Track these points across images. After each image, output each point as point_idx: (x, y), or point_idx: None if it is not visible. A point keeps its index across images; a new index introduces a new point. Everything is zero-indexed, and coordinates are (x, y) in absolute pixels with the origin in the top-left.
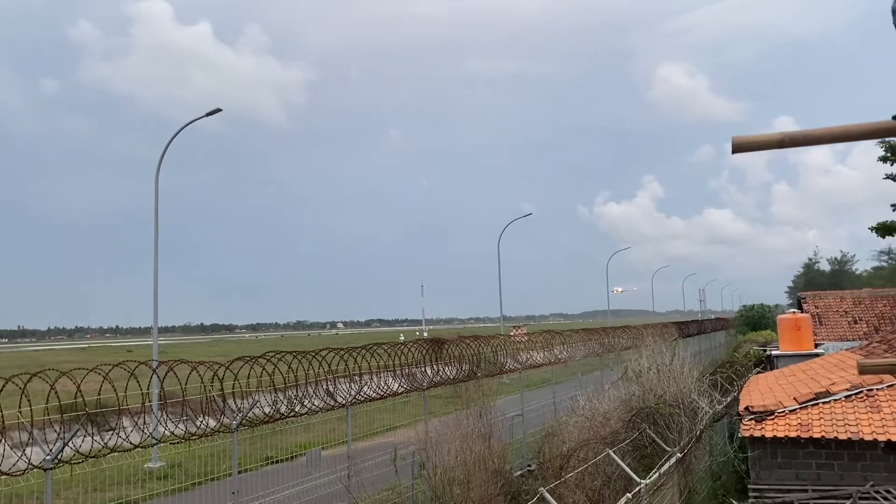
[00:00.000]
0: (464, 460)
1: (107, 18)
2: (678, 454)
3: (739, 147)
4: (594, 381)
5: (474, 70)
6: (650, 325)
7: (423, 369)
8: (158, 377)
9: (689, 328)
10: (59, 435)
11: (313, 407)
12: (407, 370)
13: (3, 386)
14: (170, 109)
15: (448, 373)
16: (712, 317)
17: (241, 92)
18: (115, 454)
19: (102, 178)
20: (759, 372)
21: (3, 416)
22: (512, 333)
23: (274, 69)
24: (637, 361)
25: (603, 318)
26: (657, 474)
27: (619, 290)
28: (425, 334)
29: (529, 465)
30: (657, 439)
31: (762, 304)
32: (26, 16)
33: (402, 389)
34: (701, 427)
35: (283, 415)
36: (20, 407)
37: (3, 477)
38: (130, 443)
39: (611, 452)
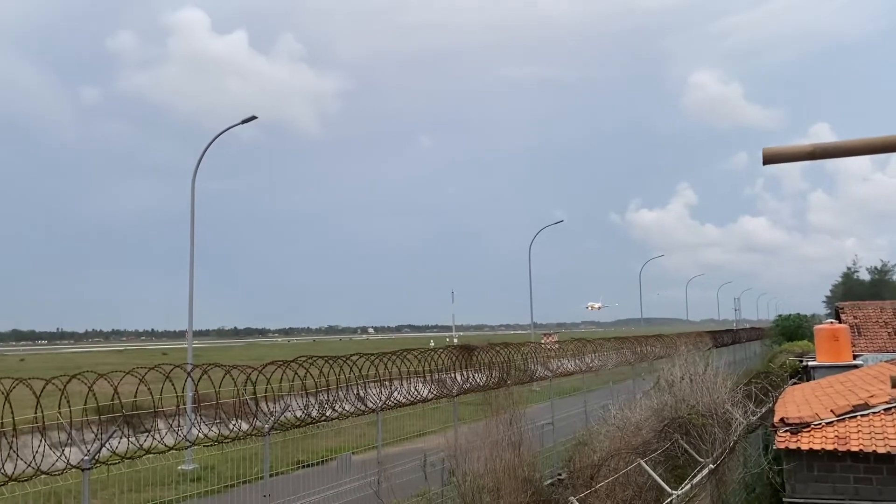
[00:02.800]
0: (494, 468)
1: (145, 28)
2: (711, 465)
3: (770, 158)
4: (626, 390)
5: (504, 77)
6: (683, 333)
7: (452, 375)
8: (193, 380)
9: (724, 337)
10: (96, 436)
11: (344, 412)
12: (437, 376)
13: (44, 387)
14: (205, 117)
15: (478, 379)
16: (747, 326)
17: (276, 100)
18: (150, 455)
19: (140, 184)
20: (794, 383)
21: (43, 416)
22: (543, 341)
23: (308, 78)
24: (670, 371)
25: (636, 325)
26: (689, 485)
27: (597, 305)
28: (455, 340)
29: (560, 474)
30: (689, 450)
31: (798, 314)
32: (68, 27)
33: (432, 395)
34: (734, 438)
35: (314, 419)
36: (59, 408)
37: (42, 476)
38: (165, 445)
39: (642, 463)
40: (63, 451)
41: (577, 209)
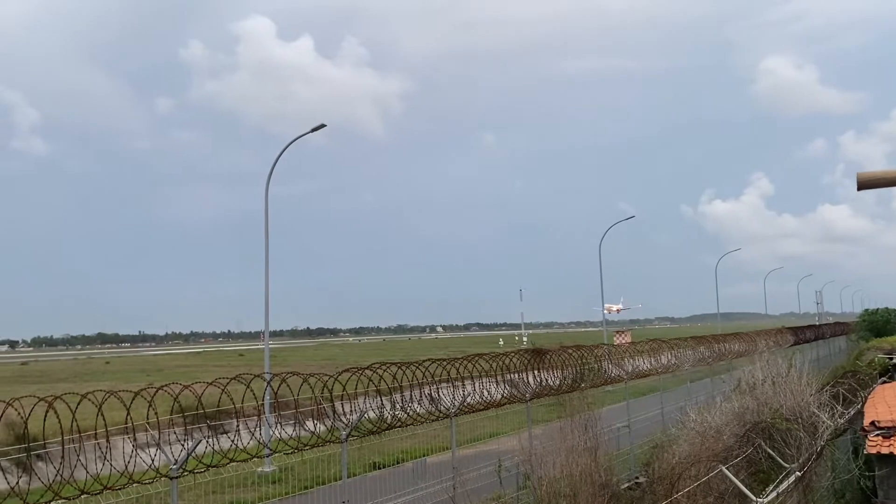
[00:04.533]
0: (570, 472)
1: (214, 38)
2: (797, 472)
3: (865, 184)
4: (704, 389)
5: (568, 70)
6: (763, 330)
7: (525, 378)
8: (272, 388)
9: (806, 333)
10: (182, 443)
11: (417, 416)
12: (508, 378)
13: (133, 398)
14: (273, 123)
15: (550, 382)
16: (831, 321)
17: (341, 104)
18: (227, 459)
19: (213, 190)
20: (884, 382)
21: (133, 425)
22: (615, 339)
23: (372, 81)
24: (751, 373)
25: (712, 321)
26: (775, 493)
27: (616, 307)
28: (525, 339)
29: (637, 478)
30: (774, 455)
31: (887, 308)
32: (144, 40)
33: (505, 400)
34: (822, 443)
35: (389, 425)
36: (147, 419)
37: (134, 485)
38: (248, 453)
39: (724, 469)
40: (153, 459)
41: (647, 202)
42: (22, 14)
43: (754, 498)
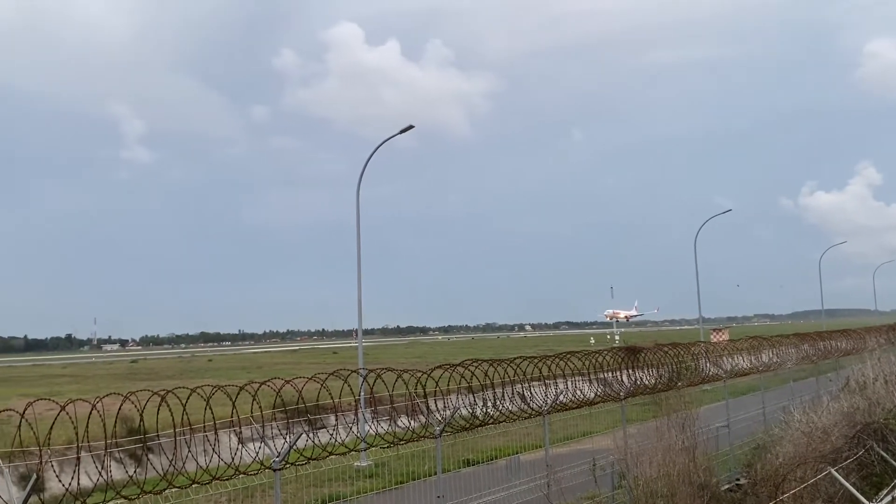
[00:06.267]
0: (667, 472)
1: (305, 46)
2: None
3: None
4: (808, 389)
5: (658, 61)
6: (873, 327)
7: (619, 377)
8: (368, 384)
9: None
10: (284, 436)
11: (510, 413)
12: (602, 376)
13: (238, 393)
14: (362, 127)
15: (645, 380)
16: None
17: (427, 106)
18: (326, 453)
19: (306, 193)
20: None
21: (240, 418)
22: (712, 338)
23: (458, 81)
24: (860, 371)
25: (816, 318)
26: (889, 497)
27: (624, 315)
28: (617, 337)
29: (738, 479)
30: (888, 458)
31: None
32: (239, 50)
33: (599, 399)
34: None
35: (482, 422)
36: (252, 412)
37: (240, 476)
38: (346, 447)
39: (833, 471)
40: (257, 452)
41: (744, 195)
42: (128, 28)
43: (867, 502)
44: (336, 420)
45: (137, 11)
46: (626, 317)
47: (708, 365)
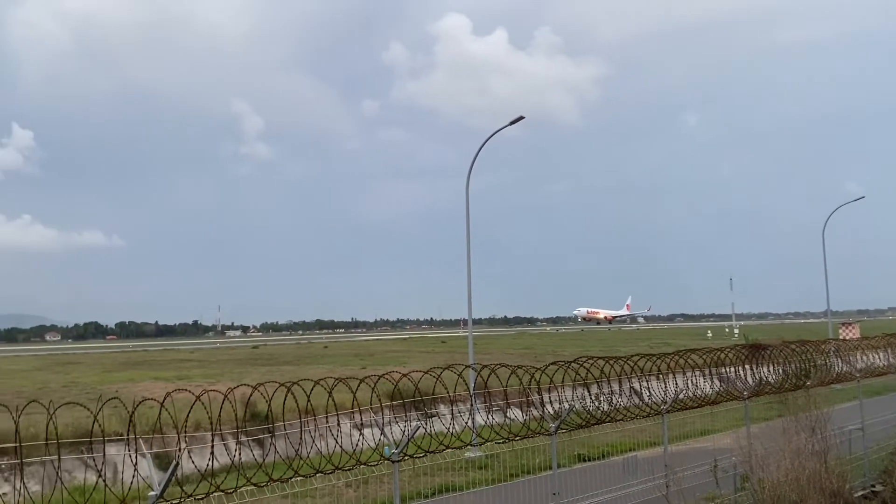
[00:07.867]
0: (796, 477)
1: (413, 39)
2: None
3: None
4: None
5: (780, 40)
6: None
7: (742, 376)
8: (482, 377)
9: None
10: (402, 429)
11: (627, 413)
12: (722, 373)
13: (358, 386)
14: (469, 117)
15: (770, 378)
16: None
17: (536, 94)
18: (443, 446)
19: (416, 185)
20: None
21: (360, 410)
22: (841, 333)
23: (567, 68)
24: None
25: None
26: None
27: (604, 314)
28: (736, 331)
29: (873, 486)
30: None
31: None
32: (351, 47)
33: (721, 398)
34: None
35: (598, 419)
36: (371, 404)
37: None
38: (461, 440)
39: None
40: (377, 443)
41: (879, 180)
42: (246, 30)
43: None
44: (452, 411)
45: (253, 14)
46: (606, 317)
47: (839, 363)
